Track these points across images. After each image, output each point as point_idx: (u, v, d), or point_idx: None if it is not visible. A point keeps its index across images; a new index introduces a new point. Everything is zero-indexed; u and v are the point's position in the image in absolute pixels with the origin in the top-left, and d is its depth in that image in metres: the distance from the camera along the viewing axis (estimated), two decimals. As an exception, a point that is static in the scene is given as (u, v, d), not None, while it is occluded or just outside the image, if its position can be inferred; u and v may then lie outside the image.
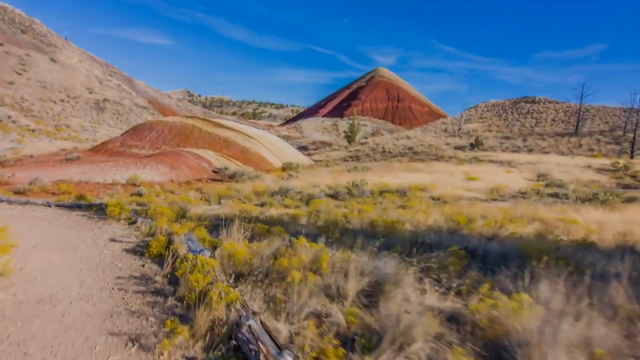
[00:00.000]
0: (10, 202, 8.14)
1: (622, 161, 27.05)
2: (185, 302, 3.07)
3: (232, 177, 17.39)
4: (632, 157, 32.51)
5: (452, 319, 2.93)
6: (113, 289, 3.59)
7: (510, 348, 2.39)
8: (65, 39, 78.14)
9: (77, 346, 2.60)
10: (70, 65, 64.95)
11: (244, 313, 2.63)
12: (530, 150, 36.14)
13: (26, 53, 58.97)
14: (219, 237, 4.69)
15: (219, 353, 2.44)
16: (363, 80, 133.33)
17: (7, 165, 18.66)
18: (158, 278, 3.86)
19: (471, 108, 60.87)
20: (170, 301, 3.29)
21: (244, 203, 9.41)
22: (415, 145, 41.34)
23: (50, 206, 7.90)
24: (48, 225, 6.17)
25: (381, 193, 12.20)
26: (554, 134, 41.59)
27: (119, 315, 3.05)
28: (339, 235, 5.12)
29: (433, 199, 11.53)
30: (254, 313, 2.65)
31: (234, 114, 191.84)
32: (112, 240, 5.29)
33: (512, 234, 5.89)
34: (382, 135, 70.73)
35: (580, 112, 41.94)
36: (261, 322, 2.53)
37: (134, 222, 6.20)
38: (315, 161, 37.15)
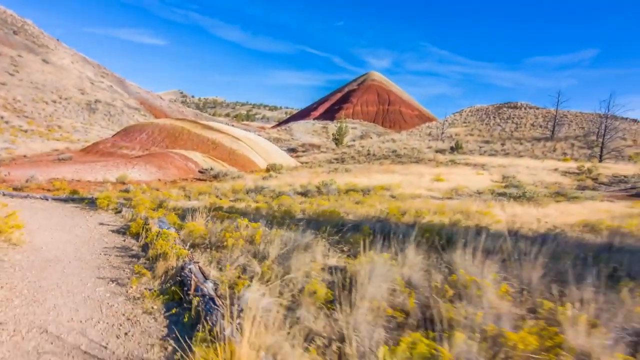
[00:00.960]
0: (12, 196, 9.32)
1: (587, 165, 28.76)
2: (151, 259, 4.36)
3: (216, 177, 18.62)
4: (600, 161, 34.30)
5: (335, 268, 4.24)
6: (100, 254, 4.87)
7: (353, 279, 3.70)
8: (58, 39, 78.69)
9: (74, 283, 3.88)
10: (62, 66, 65.62)
11: (188, 262, 3.93)
12: (507, 154, 37.81)
13: (18, 54, 59.58)
14: (185, 220, 5.98)
15: (168, 285, 3.73)
16: (355, 84, 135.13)
17: (2, 165, 19.68)
18: (135, 247, 5.14)
19: (456, 113, 62.68)
20: (141, 260, 4.57)
21: (219, 199, 10.68)
22: (399, 148, 42.85)
23: (47, 199, 9.10)
24: (47, 213, 7.40)
25: (347, 192, 13.54)
26: (532, 139, 43.39)
27: (104, 268, 4.33)
28: (281, 220, 6.42)
29: (392, 197, 12.88)
30: (194, 262, 3.95)
31: (227, 115, 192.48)
32: (101, 224, 6.55)
33: (429, 221, 7.25)
34: (371, 138, 72.30)
35: (557, 118, 43.81)
36: (198, 267, 3.82)
37: (120, 211, 7.45)
38: (303, 163, 38.41)
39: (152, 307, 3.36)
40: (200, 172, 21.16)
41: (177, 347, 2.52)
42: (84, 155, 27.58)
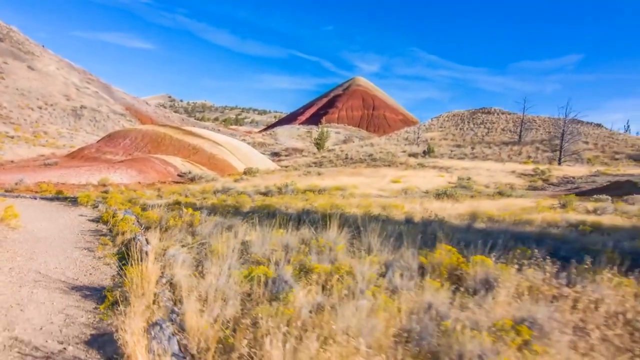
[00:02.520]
0: (5, 196, 10.89)
1: (543, 167, 31.10)
2: (114, 235, 6.09)
3: (192, 179, 20.25)
4: (559, 164, 36.80)
5: (245, 241, 6.00)
6: (78, 234, 6.57)
7: (251, 243, 5.46)
8: (43, 46, 79.38)
9: (58, 250, 5.58)
10: (48, 73, 66.43)
11: (137, 235, 5.67)
12: (475, 157, 40.13)
13: (4, 61, 60.33)
14: (147, 211, 7.69)
15: (123, 249, 5.47)
16: (340, 89, 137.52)
17: (-9, 170, 21.01)
18: (104, 229, 6.85)
19: (434, 118, 65.15)
20: (107, 237, 6.29)
21: (187, 197, 12.39)
22: (376, 153, 44.91)
23: (36, 198, 10.70)
24: (37, 208, 9.04)
25: (305, 191, 15.34)
26: (500, 143, 45.86)
27: (80, 242, 6.04)
28: (226, 211, 8.19)
29: (342, 196, 14.72)
30: (142, 235, 5.69)
31: (216, 119, 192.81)
32: (80, 215, 8.23)
33: (346, 212, 9.06)
34: (354, 142, 74.43)
35: (523, 123, 46.39)
36: (145, 238, 5.57)
37: (96, 206, 9.12)
38: (283, 167, 40.08)
39: (110, 261, 5.10)
40: (179, 175, 22.75)
41: (120, 275, 4.26)
42: (70, 160, 28.91)
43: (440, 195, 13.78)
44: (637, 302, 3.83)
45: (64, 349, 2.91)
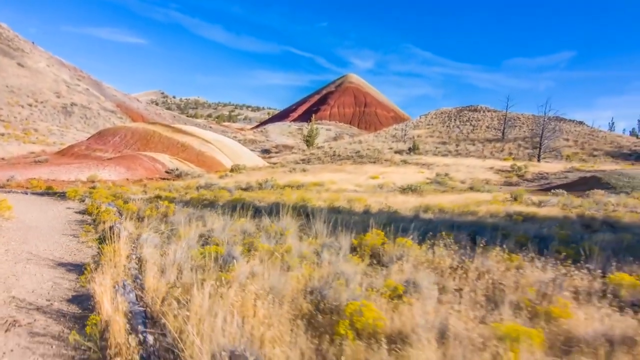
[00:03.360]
0: (-3, 191, 11.66)
1: (520, 164, 32.29)
2: (97, 224, 6.97)
3: (179, 176, 21.06)
4: (538, 160, 38.07)
5: (211, 228, 6.92)
6: (65, 223, 7.43)
7: (214, 231, 6.38)
8: (33, 43, 79.09)
9: (47, 237, 6.45)
10: (38, 70, 66.41)
11: (116, 223, 6.56)
12: (458, 154, 41.29)
13: (-7, 58, 60.24)
14: (128, 204, 8.57)
15: (103, 235, 6.35)
16: (333, 86, 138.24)
17: (-18, 167, 21.63)
18: (89, 220, 7.72)
19: (423, 115, 66.27)
20: (91, 225, 7.17)
21: (170, 192, 13.24)
22: (363, 150, 45.89)
23: (27, 193, 11.50)
24: (28, 202, 9.85)
25: (284, 187, 16.26)
26: (484, 140, 47.09)
27: (66, 230, 6.91)
28: (201, 204, 9.08)
29: (318, 191, 15.64)
30: (120, 223, 6.58)
31: (209, 116, 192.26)
32: (68, 208, 9.08)
33: (312, 205, 10.00)
34: (344, 139, 75.39)
35: (506, 121, 47.64)
36: (123, 225, 6.46)
37: (83, 200, 9.96)
38: (272, 164, 40.88)
39: (91, 245, 5.99)
40: (166, 172, 23.53)
41: (99, 254, 5.15)
42: (60, 157, 29.50)
43: (405, 190, 14.78)
44: (517, 273, 4.81)
45: (51, 304, 3.81)
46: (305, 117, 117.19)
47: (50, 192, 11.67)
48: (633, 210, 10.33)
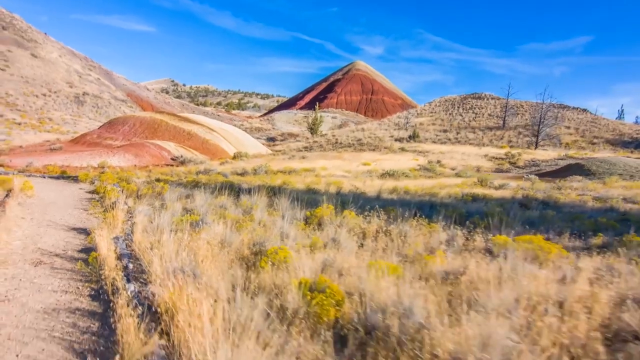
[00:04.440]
0: (19, 175, 13.22)
1: (514, 151, 33.03)
2: (103, 200, 8.40)
3: (182, 162, 22.51)
4: (536, 148, 38.65)
5: (198, 204, 8.28)
6: (77, 200, 8.89)
7: (196, 210, 7.76)
8: (45, 34, 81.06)
9: (63, 210, 7.90)
10: (51, 60, 68.39)
11: (118, 199, 7.98)
12: (458, 142, 42.02)
13: (8, 49, 62.31)
14: (130, 184, 9.99)
15: (107, 208, 7.79)
16: (340, 73, 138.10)
17: (2, 154, 23.43)
18: (97, 197, 9.18)
19: (427, 103, 66.62)
20: (98, 202, 8.61)
21: (172, 177, 14.68)
22: (364, 137, 46.86)
23: (44, 177, 13.04)
24: (46, 184, 11.37)
25: (276, 173, 17.59)
26: (485, 128, 47.59)
27: (78, 205, 8.36)
28: (194, 185, 10.47)
29: (307, 176, 16.93)
30: (121, 199, 8.00)
31: (218, 104, 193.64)
32: (80, 188, 10.56)
33: (292, 187, 11.30)
34: (349, 127, 76.20)
35: (507, 108, 47.98)
36: (124, 200, 7.87)
37: (93, 182, 11.44)
38: (276, 151, 42.19)
39: (98, 216, 7.41)
40: (172, 159, 25.05)
41: (103, 222, 6.56)
42: (73, 145, 31.27)
43: (384, 175, 15.97)
44: (431, 237, 6.06)
45: (65, 252, 5.21)
46: (312, 105, 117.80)
47: (64, 176, 13.19)
48: (583, 193, 11.40)
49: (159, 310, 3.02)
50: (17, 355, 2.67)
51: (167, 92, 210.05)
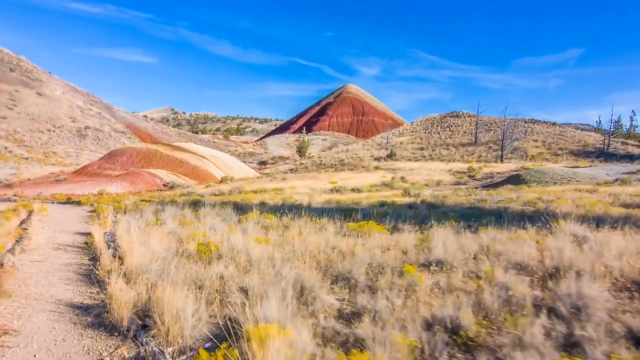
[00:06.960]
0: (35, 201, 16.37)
1: (477, 165, 36.18)
2: (99, 216, 11.54)
3: (172, 187, 25.66)
4: (502, 161, 41.83)
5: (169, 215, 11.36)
6: (80, 217, 12.02)
7: (162, 216, 10.86)
8: (50, 73, 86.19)
9: (69, 223, 11.02)
10: (55, 98, 72.86)
11: (110, 214, 11.10)
12: (431, 159, 45.25)
13: (15, 89, 66.81)
14: (121, 204, 13.13)
15: (102, 220, 10.91)
16: (332, 97, 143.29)
17: (14, 186, 26.69)
18: (94, 215, 12.32)
19: (409, 123, 70.36)
20: (96, 217, 11.75)
21: (157, 199, 17.80)
22: (347, 158, 50.20)
23: (53, 203, 16.19)
24: (55, 207, 14.52)
25: (247, 192, 20.69)
26: (459, 144, 50.95)
27: (81, 220, 11.49)
28: (171, 203, 13.61)
29: (270, 194, 20.01)
30: (112, 214, 11.13)
31: (217, 130, 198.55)
32: (82, 209, 13.70)
33: (249, 202, 14.36)
34: (338, 148, 79.88)
35: (478, 125, 51.48)
36: (114, 215, 10.99)
37: (92, 205, 14.57)
38: (264, 174, 45.41)
39: (95, 226, 10.53)
40: (163, 185, 28.25)
41: (97, 226, 9.66)
42: (76, 176, 34.59)
43: (337, 190, 19.05)
44: (320, 228, 9.11)
45: (73, 244, 8.30)
46: (305, 128, 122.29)
47: (69, 201, 16.35)
48: (482, 199, 14.45)
49: (120, 254, 6.10)
50: (53, 276, 5.72)
51: (167, 121, 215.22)
